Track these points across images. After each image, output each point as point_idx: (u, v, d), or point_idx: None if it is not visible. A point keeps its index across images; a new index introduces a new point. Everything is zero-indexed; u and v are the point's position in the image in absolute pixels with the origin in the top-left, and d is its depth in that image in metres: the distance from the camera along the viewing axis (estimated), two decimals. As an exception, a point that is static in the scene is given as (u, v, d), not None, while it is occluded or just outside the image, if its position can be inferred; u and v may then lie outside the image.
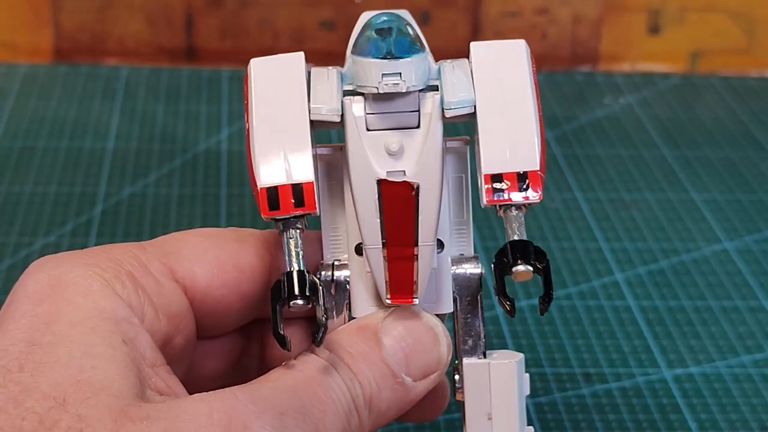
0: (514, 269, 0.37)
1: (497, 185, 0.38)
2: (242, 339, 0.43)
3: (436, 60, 0.40)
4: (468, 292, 0.41)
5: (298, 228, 0.38)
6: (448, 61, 0.40)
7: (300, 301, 0.37)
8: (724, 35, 0.92)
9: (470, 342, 0.41)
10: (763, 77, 0.92)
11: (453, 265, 0.41)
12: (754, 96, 0.89)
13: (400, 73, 0.37)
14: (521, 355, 0.41)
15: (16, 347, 0.35)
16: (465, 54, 0.40)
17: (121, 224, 0.70)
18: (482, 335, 0.41)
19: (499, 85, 0.39)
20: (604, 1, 0.91)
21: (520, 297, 0.64)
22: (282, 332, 0.36)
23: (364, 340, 0.38)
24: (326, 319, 0.37)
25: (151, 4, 0.89)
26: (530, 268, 0.37)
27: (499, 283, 0.38)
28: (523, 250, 0.38)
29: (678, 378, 0.59)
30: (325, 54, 0.90)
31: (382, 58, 0.37)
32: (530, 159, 0.39)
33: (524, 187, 0.38)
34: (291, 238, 0.38)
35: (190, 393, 0.37)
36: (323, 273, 0.40)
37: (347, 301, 0.40)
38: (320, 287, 0.37)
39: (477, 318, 0.41)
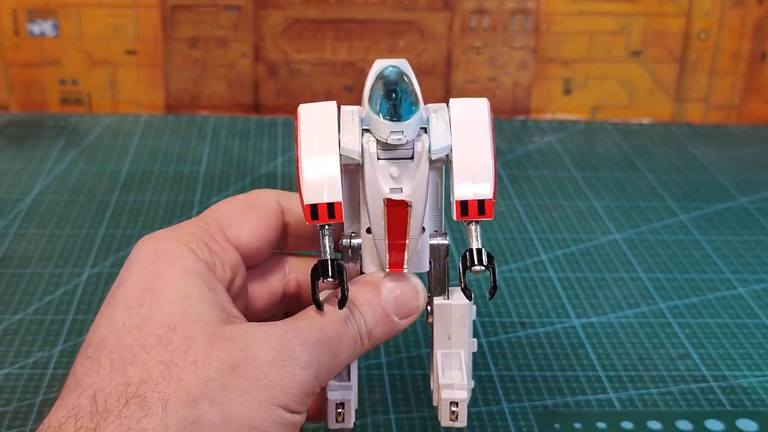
0: (472, 268, 0.38)
1: (463, 208, 0.38)
2: (282, 287, 0.44)
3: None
4: (439, 256, 0.41)
5: (330, 229, 0.38)
6: (433, 107, 0.40)
7: (330, 279, 0.37)
8: (614, 95, 0.92)
9: (438, 288, 0.41)
10: (640, 123, 0.92)
11: (430, 238, 0.41)
12: (634, 136, 0.89)
13: (402, 131, 0.37)
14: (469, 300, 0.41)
15: (135, 292, 0.36)
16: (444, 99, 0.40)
17: (210, 222, 0.70)
18: (446, 284, 0.41)
19: (468, 135, 0.39)
20: (534, 73, 0.91)
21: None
22: (318, 298, 0.37)
23: (369, 291, 0.39)
24: (347, 293, 0.37)
25: (231, 75, 0.89)
26: (483, 267, 0.38)
27: (463, 277, 0.39)
28: (479, 255, 0.38)
29: (583, 325, 0.59)
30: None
31: (390, 120, 0.37)
32: (486, 191, 0.38)
33: (482, 209, 0.38)
34: (325, 236, 0.38)
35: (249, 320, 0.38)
36: (344, 241, 0.41)
37: (359, 260, 0.41)
38: (345, 270, 0.38)
39: (444, 273, 0.41)
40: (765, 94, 0.93)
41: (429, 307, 0.42)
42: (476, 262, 0.38)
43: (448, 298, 0.41)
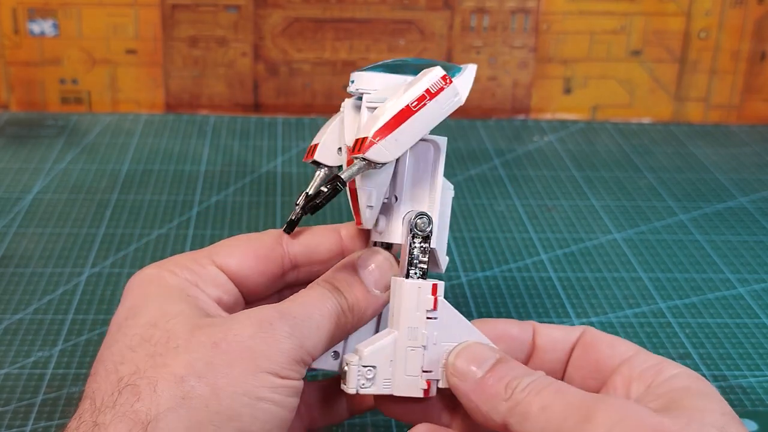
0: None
1: (354, 145, 0.39)
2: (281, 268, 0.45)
3: None
4: (408, 231, 0.40)
5: (320, 169, 0.42)
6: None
7: (297, 205, 0.41)
8: (614, 95, 0.92)
9: (408, 268, 0.40)
10: (640, 123, 0.92)
11: (406, 214, 0.41)
12: (634, 135, 0.89)
13: (354, 80, 0.42)
14: (430, 284, 0.40)
15: (122, 313, 0.39)
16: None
17: (210, 221, 0.70)
18: (405, 262, 0.40)
19: (398, 94, 0.39)
20: (534, 72, 0.91)
21: (477, 270, 0.64)
22: (292, 219, 0.42)
23: (345, 271, 0.41)
24: (296, 221, 0.41)
25: (231, 74, 0.89)
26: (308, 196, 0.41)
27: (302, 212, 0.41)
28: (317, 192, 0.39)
29: (583, 324, 0.58)
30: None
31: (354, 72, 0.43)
32: (370, 132, 0.38)
33: (359, 147, 0.38)
34: (317, 173, 0.42)
35: None
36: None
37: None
38: (316, 204, 0.38)
39: (409, 252, 0.40)
40: (765, 93, 0.93)
41: None
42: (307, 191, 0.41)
43: (407, 277, 0.40)
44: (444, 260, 0.42)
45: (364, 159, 0.38)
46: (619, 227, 0.71)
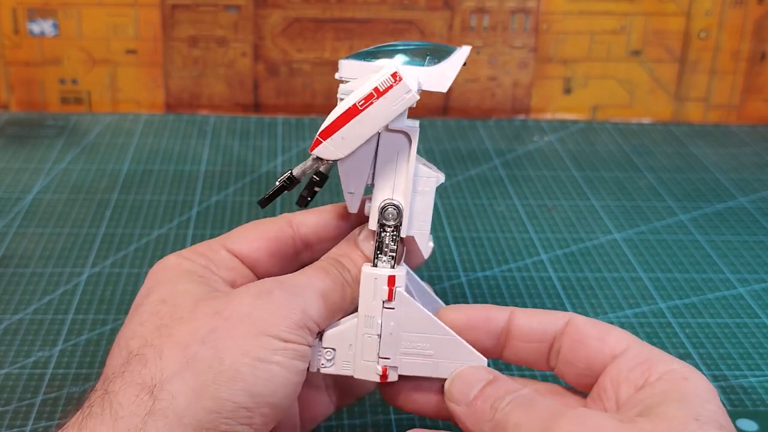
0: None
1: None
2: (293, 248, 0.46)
3: None
4: (382, 219, 0.41)
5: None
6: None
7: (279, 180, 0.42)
8: (614, 95, 0.92)
9: (377, 253, 0.41)
10: (640, 123, 0.92)
11: (380, 203, 0.41)
12: (634, 136, 0.89)
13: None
14: (386, 275, 0.40)
15: (139, 299, 0.41)
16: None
17: (209, 221, 0.70)
18: (375, 252, 0.41)
19: (350, 96, 0.40)
20: (534, 72, 0.91)
21: (476, 270, 0.64)
22: (268, 194, 0.43)
23: (348, 246, 0.42)
24: (273, 195, 0.42)
25: (231, 74, 0.89)
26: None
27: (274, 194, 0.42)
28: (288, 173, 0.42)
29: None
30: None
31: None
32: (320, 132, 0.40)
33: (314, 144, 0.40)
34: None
35: None
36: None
37: None
38: (291, 180, 0.41)
39: (379, 241, 0.41)
40: (765, 93, 0.93)
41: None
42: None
43: (375, 265, 0.41)
44: (427, 248, 0.42)
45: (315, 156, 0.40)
46: (619, 227, 0.71)
